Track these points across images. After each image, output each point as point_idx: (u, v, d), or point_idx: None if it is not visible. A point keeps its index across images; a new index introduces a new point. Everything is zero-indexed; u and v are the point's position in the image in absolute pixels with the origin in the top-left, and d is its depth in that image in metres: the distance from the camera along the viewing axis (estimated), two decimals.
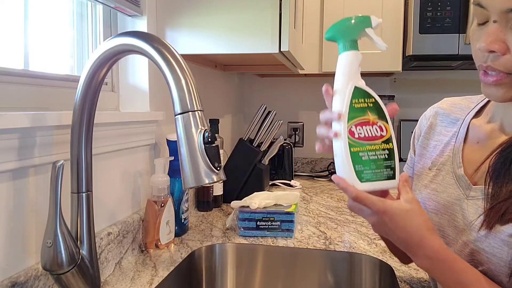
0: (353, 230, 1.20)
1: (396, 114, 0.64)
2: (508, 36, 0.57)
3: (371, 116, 0.62)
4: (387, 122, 0.63)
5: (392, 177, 0.62)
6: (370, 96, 0.62)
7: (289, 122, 2.19)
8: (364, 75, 0.65)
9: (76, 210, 0.69)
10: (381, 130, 0.62)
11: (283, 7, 1.06)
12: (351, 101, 0.61)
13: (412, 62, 1.75)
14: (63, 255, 0.65)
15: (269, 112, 1.61)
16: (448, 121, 0.76)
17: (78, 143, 0.68)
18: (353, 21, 0.63)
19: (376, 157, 0.62)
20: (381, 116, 0.62)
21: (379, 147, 0.62)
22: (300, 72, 1.69)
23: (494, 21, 0.58)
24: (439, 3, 1.60)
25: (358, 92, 0.62)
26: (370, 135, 0.62)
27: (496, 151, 0.63)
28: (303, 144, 2.19)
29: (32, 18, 0.82)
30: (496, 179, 0.61)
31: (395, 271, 0.92)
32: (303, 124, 2.19)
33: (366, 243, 1.08)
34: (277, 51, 1.07)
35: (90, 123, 0.69)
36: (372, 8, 1.73)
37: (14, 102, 0.74)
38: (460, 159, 0.69)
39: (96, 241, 0.74)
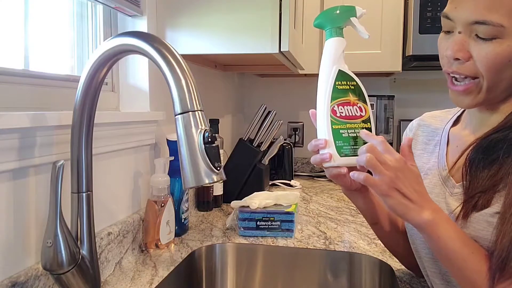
0: (353, 230, 1.20)
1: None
2: (472, 45, 0.64)
3: (352, 97, 0.68)
4: (366, 104, 0.69)
5: None
6: (352, 79, 0.69)
7: (289, 122, 2.19)
8: (364, 75, 0.67)
9: (76, 210, 0.69)
10: (361, 110, 0.68)
11: (283, 7, 1.06)
12: (335, 82, 0.68)
13: (412, 62, 1.75)
14: (63, 255, 0.65)
15: (269, 112, 1.61)
16: (429, 131, 0.83)
17: (78, 143, 0.68)
18: (339, 10, 0.69)
19: (355, 134, 0.68)
20: (361, 98, 0.69)
21: (358, 125, 0.68)
22: (300, 72, 1.69)
23: (459, 32, 0.65)
24: (439, 3, 1.60)
25: (341, 75, 0.68)
26: (350, 114, 0.68)
27: (467, 151, 0.70)
28: (303, 144, 2.19)
29: (32, 18, 0.82)
30: (469, 174, 0.68)
31: (395, 271, 0.92)
32: (303, 124, 2.20)
33: (366, 243, 1.08)
34: (277, 51, 1.07)
35: (90, 123, 0.69)
36: (372, 8, 1.73)
37: (14, 102, 0.74)
38: (445, 163, 0.76)
39: (96, 241, 0.74)
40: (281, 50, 1.08)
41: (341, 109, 0.67)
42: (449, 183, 0.73)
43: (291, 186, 1.86)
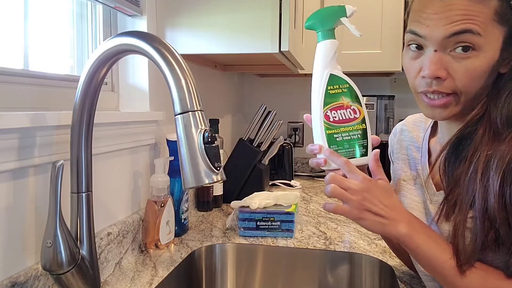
0: (353, 230, 1.20)
1: (377, 144, 0.70)
2: (448, 63, 0.63)
3: (345, 101, 0.68)
4: (360, 105, 0.69)
5: (365, 154, 0.69)
6: (344, 82, 0.69)
7: (289, 122, 2.19)
8: (364, 75, 0.68)
9: (76, 210, 0.69)
10: (355, 112, 0.68)
11: (283, 7, 1.06)
12: (327, 87, 0.68)
13: None
14: (63, 255, 0.65)
15: (269, 112, 1.61)
16: (410, 137, 0.85)
17: (78, 143, 0.68)
18: (329, 11, 0.68)
19: (349, 137, 0.68)
20: (355, 99, 0.69)
21: (353, 128, 0.68)
22: (300, 72, 1.69)
23: (435, 50, 0.64)
24: None
25: (333, 79, 0.68)
26: (344, 118, 0.69)
27: (440, 155, 0.70)
28: (303, 144, 2.19)
29: (32, 18, 0.82)
30: (445, 176, 0.69)
31: (395, 271, 0.92)
32: (303, 124, 2.19)
33: (366, 243, 1.08)
34: (277, 51, 1.07)
35: (90, 123, 0.69)
36: (372, 8, 1.73)
37: (14, 102, 0.74)
38: (427, 171, 0.77)
39: (96, 241, 0.74)
40: (281, 50, 1.08)
41: (334, 114, 0.68)
42: (431, 190, 0.75)
43: (291, 186, 1.86)
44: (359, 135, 0.68)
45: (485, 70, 0.63)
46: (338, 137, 0.68)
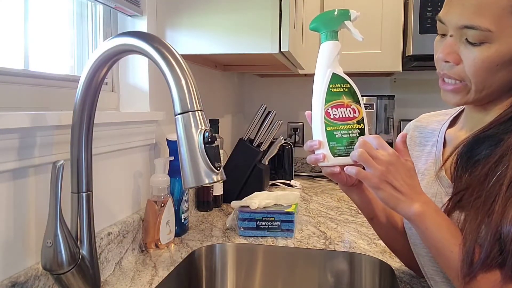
0: (353, 230, 1.20)
1: None
2: (461, 49, 0.66)
3: (345, 100, 0.70)
4: (360, 105, 0.71)
5: None
6: (346, 81, 0.71)
7: (289, 122, 2.19)
8: (364, 75, 0.69)
9: (76, 210, 0.69)
10: (354, 112, 0.70)
11: (283, 7, 1.06)
12: (329, 85, 0.70)
13: (412, 62, 1.75)
14: (63, 255, 0.65)
15: (269, 112, 1.61)
16: (426, 132, 0.84)
17: (78, 143, 0.68)
18: (334, 14, 0.71)
19: (348, 135, 0.70)
20: (355, 99, 0.71)
21: (352, 126, 0.70)
22: (300, 72, 1.69)
23: (451, 35, 0.67)
24: (439, 3, 1.60)
25: (335, 78, 0.70)
26: (344, 116, 0.70)
27: (457, 149, 0.71)
28: (303, 144, 2.19)
29: (32, 18, 0.82)
30: (456, 172, 0.70)
31: (395, 271, 0.92)
32: (303, 124, 2.20)
33: (366, 243, 1.08)
34: (277, 51, 1.07)
35: (90, 123, 0.69)
36: (372, 8, 1.73)
37: (14, 102, 0.74)
38: (441, 163, 0.77)
39: (96, 241, 0.74)
40: (281, 50, 1.08)
41: (334, 111, 0.70)
42: (445, 183, 0.74)
43: (291, 186, 1.86)
44: (357, 134, 0.70)
45: (496, 62, 0.63)
46: (337, 134, 0.70)
